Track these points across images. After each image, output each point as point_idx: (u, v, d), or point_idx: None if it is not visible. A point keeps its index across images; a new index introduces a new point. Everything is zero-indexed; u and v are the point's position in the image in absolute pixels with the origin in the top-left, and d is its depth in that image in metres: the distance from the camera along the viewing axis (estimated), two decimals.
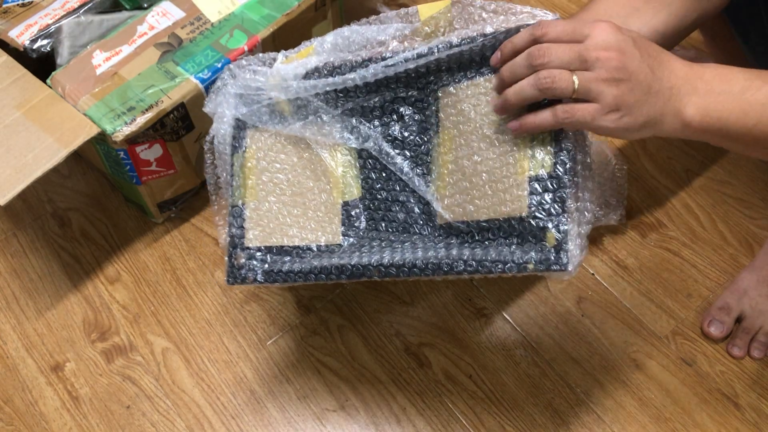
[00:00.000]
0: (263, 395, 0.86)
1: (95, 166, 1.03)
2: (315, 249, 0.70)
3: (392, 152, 0.67)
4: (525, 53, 0.56)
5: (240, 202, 0.71)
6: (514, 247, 0.60)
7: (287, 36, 0.93)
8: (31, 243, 0.98)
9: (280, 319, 0.91)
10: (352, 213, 0.70)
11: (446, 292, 0.92)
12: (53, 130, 0.82)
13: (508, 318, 0.90)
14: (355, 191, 0.70)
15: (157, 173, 0.91)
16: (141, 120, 0.83)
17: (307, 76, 0.66)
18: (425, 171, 0.66)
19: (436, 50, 0.61)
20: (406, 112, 0.66)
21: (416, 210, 0.68)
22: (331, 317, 0.90)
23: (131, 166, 0.88)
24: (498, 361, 0.87)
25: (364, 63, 0.65)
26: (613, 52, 0.53)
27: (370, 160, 0.69)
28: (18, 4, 0.95)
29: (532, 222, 0.58)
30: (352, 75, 0.63)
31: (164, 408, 0.85)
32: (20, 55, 0.90)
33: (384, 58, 0.64)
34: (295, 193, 0.70)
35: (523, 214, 0.58)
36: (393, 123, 0.67)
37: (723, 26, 0.89)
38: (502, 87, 0.58)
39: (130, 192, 0.95)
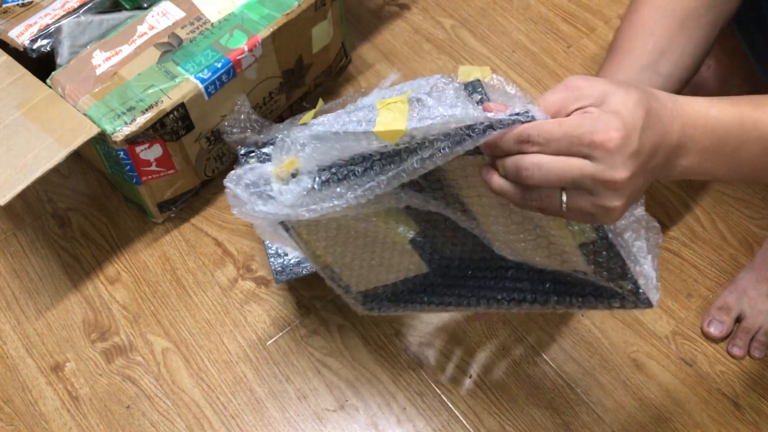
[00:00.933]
0: (263, 395, 0.86)
1: (95, 166, 1.03)
2: (410, 282, 0.73)
3: (431, 200, 0.62)
4: (514, 165, 0.48)
5: (325, 266, 0.72)
6: (590, 287, 0.63)
7: (287, 36, 0.93)
8: (31, 243, 0.98)
9: (280, 319, 0.91)
10: (423, 246, 0.69)
11: None
12: (53, 130, 0.82)
13: (508, 318, 0.90)
14: (411, 230, 0.68)
15: (157, 173, 0.91)
16: (141, 120, 0.83)
17: (309, 194, 0.60)
18: (471, 217, 0.63)
19: (437, 154, 0.53)
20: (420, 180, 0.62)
21: (478, 242, 0.66)
22: (331, 317, 0.90)
23: (131, 166, 0.88)
24: (498, 361, 0.87)
25: (362, 176, 0.58)
26: (618, 174, 0.46)
27: (412, 208, 0.66)
28: (18, 4, 0.95)
29: (600, 279, 0.61)
30: (356, 193, 0.57)
31: (164, 408, 0.85)
32: (20, 55, 0.90)
33: (379, 170, 0.57)
34: (364, 248, 0.70)
35: (589, 273, 0.61)
36: (414, 185, 0.63)
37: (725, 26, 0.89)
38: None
39: (130, 192, 0.95)
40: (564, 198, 0.47)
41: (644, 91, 0.49)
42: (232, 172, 0.65)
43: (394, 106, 0.53)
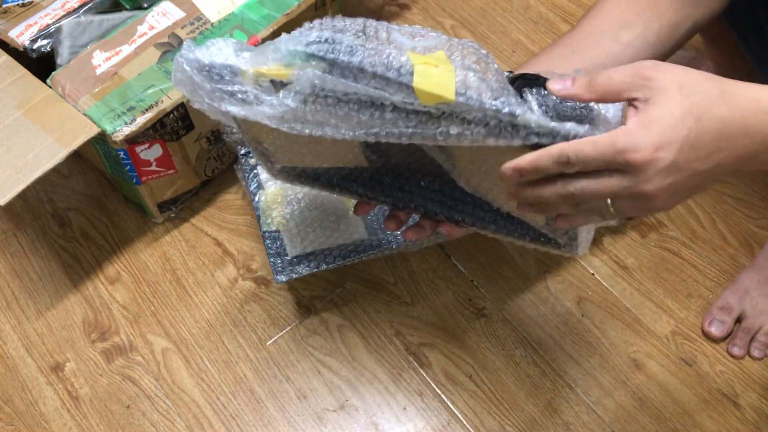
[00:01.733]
0: (263, 395, 0.86)
1: (95, 166, 1.03)
2: (343, 171, 0.68)
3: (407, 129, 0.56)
4: (555, 193, 0.50)
5: (258, 142, 0.67)
6: (532, 232, 0.65)
7: None
8: (31, 243, 0.98)
9: (280, 319, 0.91)
10: (373, 147, 0.64)
11: (446, 292, 0.92)
12: (53, 130, 0.82)
13: (508, 318, 0.90)
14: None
15: (157, 173, 0.91)
16: (141, 120, 0.83)
17: (294, 112, 0.53)
18: (446, 153, 0.60)
19: (467, 135, 0.51)
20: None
21: (436, 164, 0.63)
22: (331, 317, 0.90)
23: (131, 166, 0.88)
24: (498, 361, 0.87)
25: (368, 119, 0.52)
26: (652, 186, 0.48)
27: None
28: (18, 4, 0.95)
29: (549, 236, 0.63)
30: (354, 132, 0.53)
31: (164, 408, 0.85)
32: (20, 55, 0.90)
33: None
34: (309, 139, 0.64)
35: (542, 229, 0.64)
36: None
37: (722, 27, 0.89)
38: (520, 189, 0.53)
39: (130, 192, 0.95)
40: (609, 203, 0.50)
41: (708, 95, 0.48)
42: (187, 46, 0.56)
43: (436, 69, 0.50)
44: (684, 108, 0.47)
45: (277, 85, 0.53)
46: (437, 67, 0.50)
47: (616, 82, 0.49)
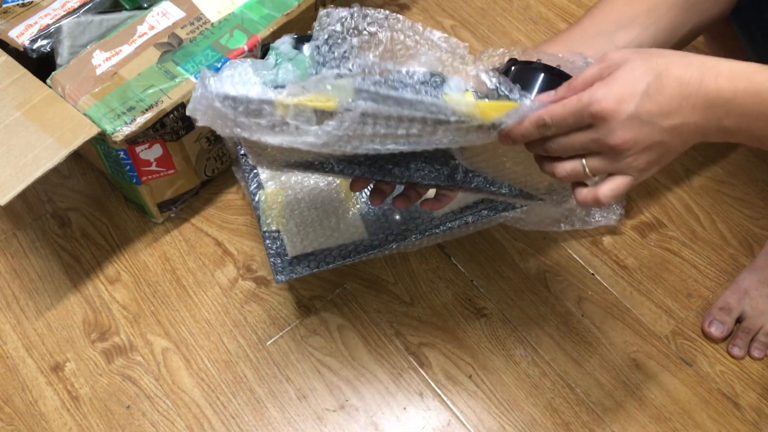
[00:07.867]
0: (263, 395, 0.86)
1: (95, 166, 1.03)
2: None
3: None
4: (539, 145, 0.56)
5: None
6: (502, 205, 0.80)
7: None
8: (31, 243, 0.98)
9: (280, 319, 0.91)
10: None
11: (446, 292, 0.92)
12: (53, 130, 0.82)
13: (508, 318, 0.90)
14: None
15: (157, 173, 0.91)
16: (141, 120, 0.83)
17: (338, 134, 0.54)
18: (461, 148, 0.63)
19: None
20: None
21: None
22: (331, 317, 0.90)
23: (131, 166, 0.88)
24: (498, 361, 0.87)
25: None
26: (617, 138, 0.52)
27: None
28: (18, 4, 0.95)
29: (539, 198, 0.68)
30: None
31: (164, 408, 0.85)
32: (20, 55, 0.90)
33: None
34: None
35: (537, 198, 0.68)
36: None
37: (726, 26, 0.89)
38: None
39: (130, 192, 0.95)
40: (586, 164, 0.55)
41: (668, 59, 0.52)
42: (209, 79, 0.56)
43: (493, 103, 0.55)
44: (644, 68, 0.51)
45: (320, 114, 0.54)
46: (495, 103, 0.56)
47: (591, 75, 0.54)
